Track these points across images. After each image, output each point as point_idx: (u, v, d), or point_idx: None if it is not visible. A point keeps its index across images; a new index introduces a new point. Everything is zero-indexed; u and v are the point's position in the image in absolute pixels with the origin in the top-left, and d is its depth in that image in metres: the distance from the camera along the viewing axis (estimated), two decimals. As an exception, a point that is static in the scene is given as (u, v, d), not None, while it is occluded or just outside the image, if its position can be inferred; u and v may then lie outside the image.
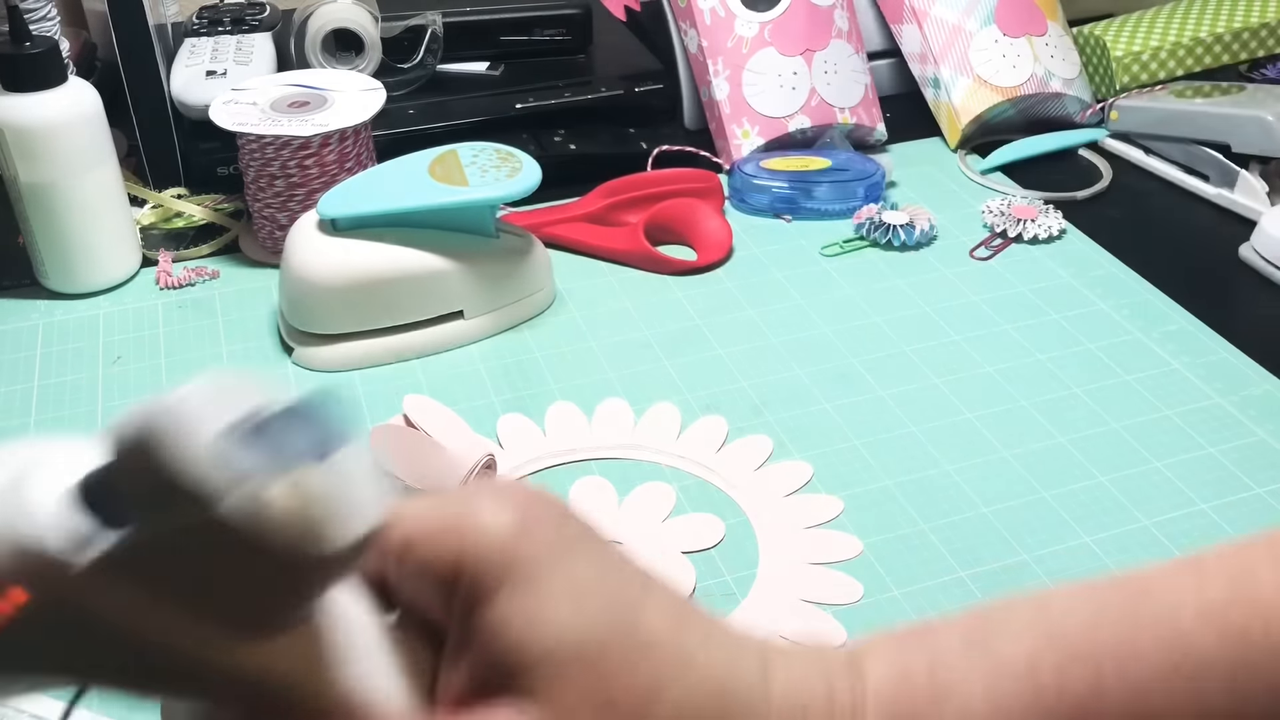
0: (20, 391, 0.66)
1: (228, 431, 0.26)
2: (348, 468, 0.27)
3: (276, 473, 0.26)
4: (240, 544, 0.26)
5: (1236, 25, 0.93)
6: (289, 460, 0.26)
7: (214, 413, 0.26)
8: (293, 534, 0.26)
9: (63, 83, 0.69)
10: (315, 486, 0.26)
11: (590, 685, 0.28)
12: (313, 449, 0.26)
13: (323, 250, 0.66)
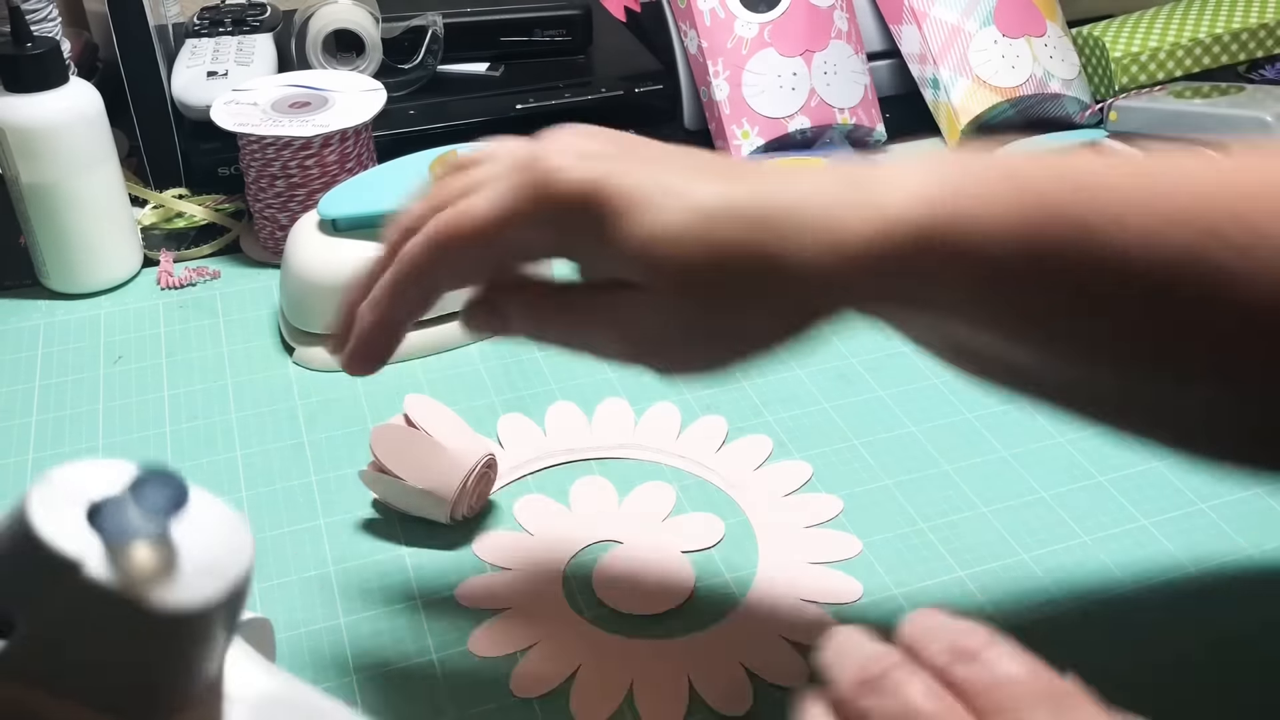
0: (21, 391, 0.66)
1: (90, 508, 0.28)
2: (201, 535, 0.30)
3: (132, 540, 0.28)
4: (105, 613, 0.28)
5: (1235, 26, 0.93)
6: (141, 528, 0.28)
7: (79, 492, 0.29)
8: (149, 596, 0.28)
9: (64, 83, 0.69)
10: (168, 551, 0.29)
11: (678, 263, 0.38)
12: (163, 506, 0.29)
13: (323, 250, 0.66)
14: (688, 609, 0.51)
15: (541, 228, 0.40)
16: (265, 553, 0.54)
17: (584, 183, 0.38)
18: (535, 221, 0.39)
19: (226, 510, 0.31)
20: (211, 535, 0.30)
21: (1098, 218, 0.35)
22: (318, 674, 0.48)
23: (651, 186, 0.38)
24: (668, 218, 0.38)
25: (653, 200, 0.38)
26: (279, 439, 0.62)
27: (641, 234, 0.38)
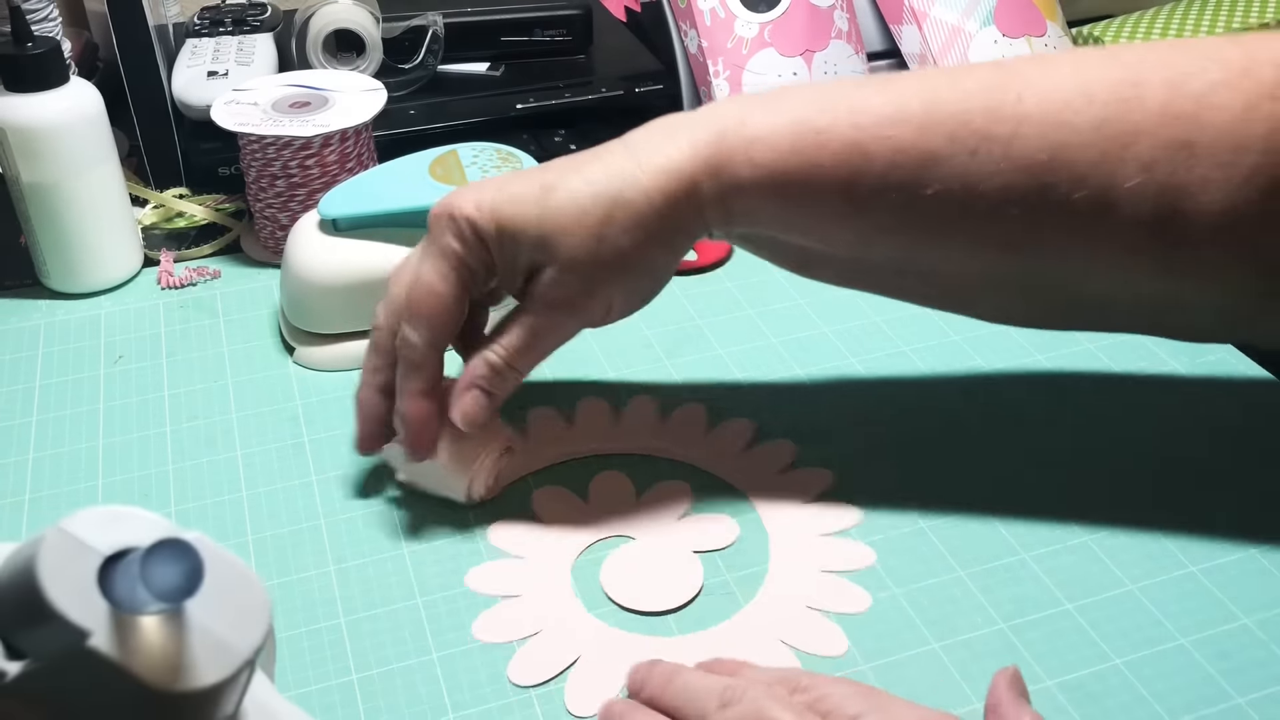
0: (22, 391, 0.66)
1: (100, 569, 0.27)
2: (214, 609, 0.29)
3: (142, 611, 0.27)
4: (111, 679, 0.27)
5: (1235, 26, 0.93)
6: (155, 599, 0.27)
7: (88, 550, 0.27)
8: (156, 672, 0.27)
9: (64, 83, 0.69)
10: (179, 627, 0.28)
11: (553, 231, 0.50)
12: (176, 588, 0.27)
13: (323, 250, 0.66)
14: (692, 608, 0.51)
15: (475, 253, 0.51)
16: (265, 553, 0.54)
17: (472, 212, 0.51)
18: (472, 249, 0.51)
19: (243, 571, 0.30)
20: (225, 608, 0.29)
21: (860, 135, 0.48)
22: (318, 673, 0.48)
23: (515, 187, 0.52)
24: (532, 205, 0.51)
25: (517, 195, 0.51)
26: (279, 439, 0.62)
27: (519, 224, 0.51)
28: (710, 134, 0.50)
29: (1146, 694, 0.47)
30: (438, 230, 0.51)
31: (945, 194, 0.48)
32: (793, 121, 0.49)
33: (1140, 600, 0.51)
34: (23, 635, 0.28)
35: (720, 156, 0.49)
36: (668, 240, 0.52)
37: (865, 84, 0.50)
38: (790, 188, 0.49)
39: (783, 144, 0.49)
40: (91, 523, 0.28)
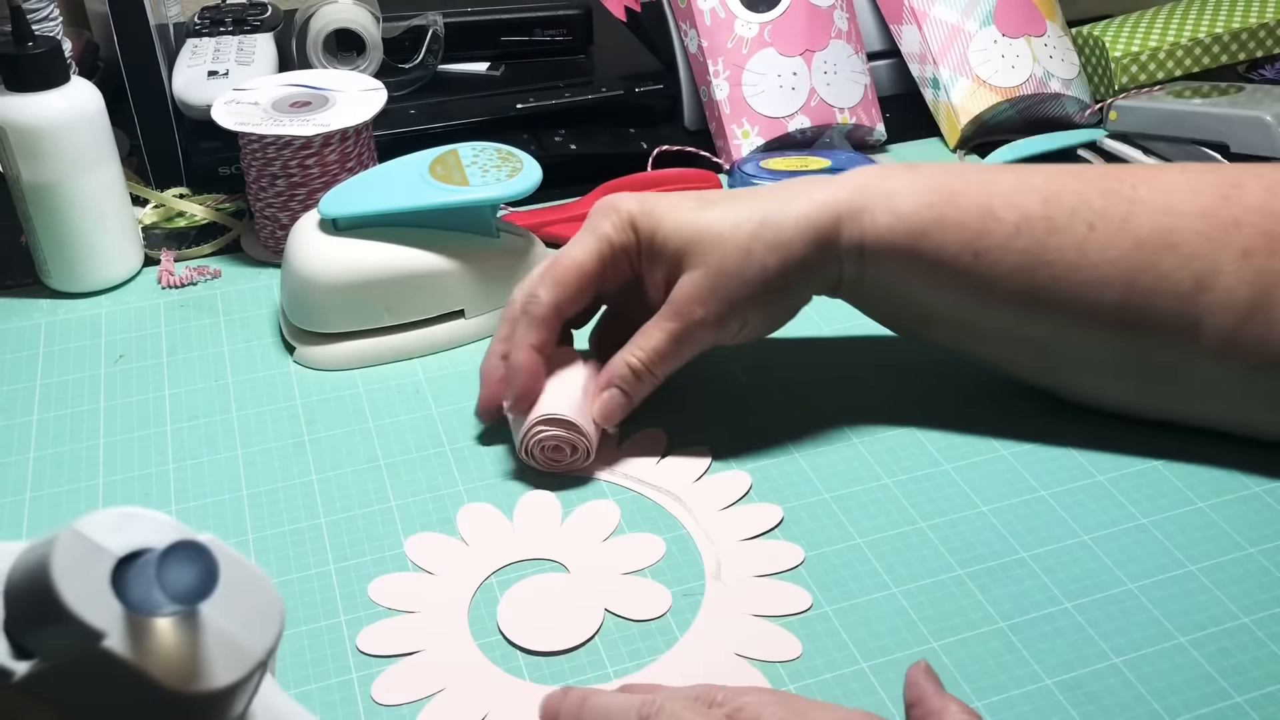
0: (23, 390, 0.66)
1: (113, 571, 0.27)
2: (228, 611, 0.29)
3: (156, 613, 0.27)
4: (125, 680, 0.27)
5: (1235, 26, 0.93)
6: (169, 601, 0.27)
7: (101, 552, 0.27)
8: (170, 673, 0.27)
9: (65, 83, 0.69)
10: (193, 629, 0.28)
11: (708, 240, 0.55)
12: (191, 590, 0.27)
13: (324, 250, 0.66)
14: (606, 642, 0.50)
15: (624, 242, 0.57)
16: (265, 552, 0.54)
17: (637, 199, 0.57)
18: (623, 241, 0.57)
19: (255, 573, 0.30)
20: (238, 609, 0.29)
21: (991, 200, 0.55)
22: (318, 673, 0.48)
23: (674, 198, 0.57)
24: (693, 214, 0.56)
25: (680, 206, 0.57)
26: (279, 438, 0.62)
27: (670, 222, 0.56)
28: (854, 185, 0.56)
29: (1145, 693, 0.47)
30: (597, 218, 0.57)
31: (1063, 261, 0.54)
32: (931, 182, 0.56)
33: (1139, 599, 0.51)
34: (33, 635, 0.28)
35: (862, 199, 0.55)
36: (806, 268, 0.56)
37: (995, 166, 0.58)
38: (922, 237, 0.55)
39: (920, 198, 0.55)
40: (103, 524, 0.28)
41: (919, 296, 0.57)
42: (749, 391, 0.64)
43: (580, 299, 0.57)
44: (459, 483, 0.58)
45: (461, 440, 0.61)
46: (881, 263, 0.56)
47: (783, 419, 0.62)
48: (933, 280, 0.56)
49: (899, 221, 0.55)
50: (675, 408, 0.62)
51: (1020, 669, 0.48)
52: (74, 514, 0.57)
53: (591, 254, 0.56)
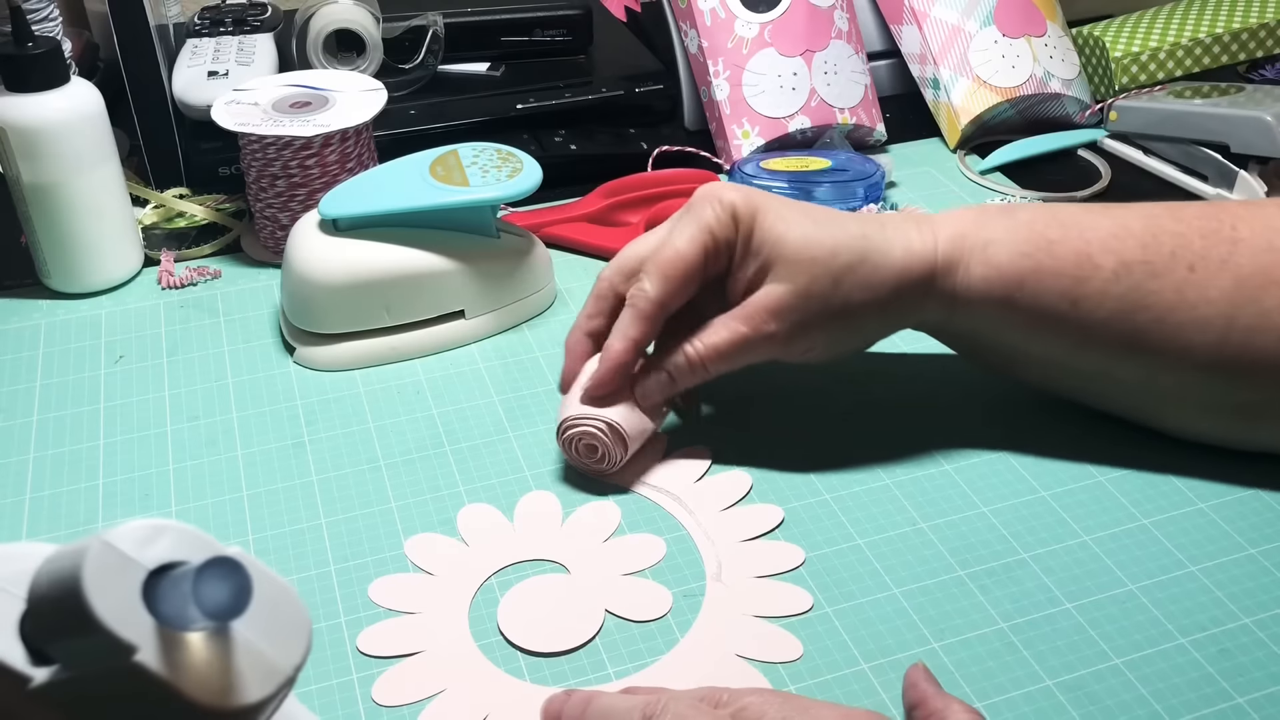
0: (23, 391, 0.66)
1: (145, 584, 0.27)
2: (259, 626, 0.29)
3: (189, 628, 0.27)
4: (153, 694, 0.27)
5: (1235, 26, 0.93)
6: (202, 616, 0.27)
7: (132, 564, 0.27)
8: (202, 689, 0.27)
9: (65, 83, 0.69)
10: (225, 644, 0.28)
11: (805, 257, 0.54)
12: (225, 607, 0.27)
13: (324, 250, 0.66)
14: (608, 644, 0.50)
15: (726, 235, 0.55)
16: (265, 553, 0.54)
17: (743, 193, 0.56)
18: (726, 232, 0.55)
19: (284, 588, 0.30)
20: (268, 625, 0.29)
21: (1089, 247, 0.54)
22: (318, 673, 0.48)
23: (782, 203, 0.56)
24: (795, 226, 0.55)
25: (783, 213, 0.55)
26: (279, 438, 0.62)
27: (776, 230, 0.55)
28: (952, 232, 0.55)
29: (1146, 694, 0.47)
30: (700, 206, 0.56)
31: (1161, 305, 0.53)
32: (1028, 230, 0.55)
33: (1140, 600, 0.51)
34: (58, 645, 0.28)
35: (958, 252, 0.55)
36: (890, 311, 0.56)
37: (1090, 208, 0.56)
38: (1019, 288, 0.54)
39: (1016, 247, 0.54)
40: (133, 536, 0.27)
41: (1010, 341, 0.57)
42: (749, 392, 0.64)
43: (685, 292, 0.56)
44: (459, 483, 0.58)
45: (462, 441, 0.61)
46: (974, 312, 0.56)
47: (783, 420, 0.62)
48: (1026, 328, 0.55)
49: (994, 273, 0.54)
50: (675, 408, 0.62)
51: (1021, 669, 0.48)
52: (74, 515, 0.57)
53: (696, 245, 0.55)
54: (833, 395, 0.64)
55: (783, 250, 0.54)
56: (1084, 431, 0.60)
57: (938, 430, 0.61)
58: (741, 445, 0.60)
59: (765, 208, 0.55)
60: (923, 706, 0.44)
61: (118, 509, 0.57)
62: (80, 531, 0.56)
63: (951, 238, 0.55)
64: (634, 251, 0.57)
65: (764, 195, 0.56)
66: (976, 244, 0.55)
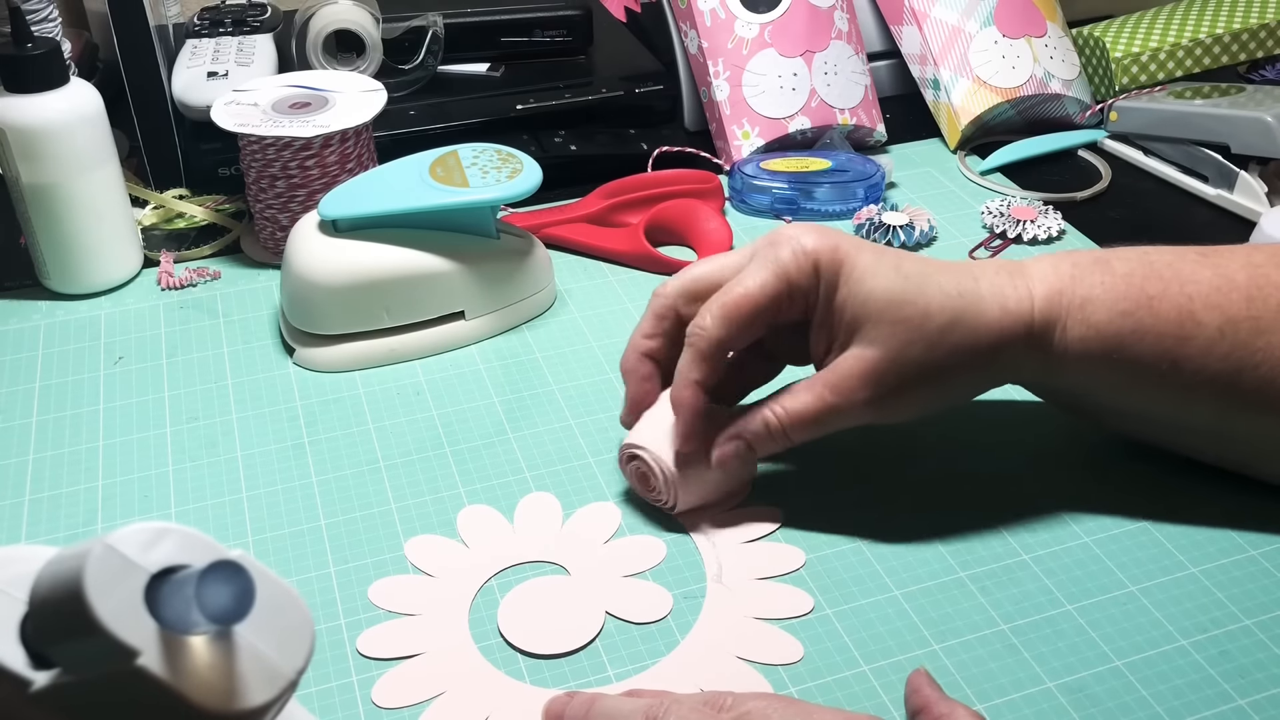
0: (22, 392, 0.66)
1: (147, 588, 0.27)
2: (262, 630, 0.29)
3: (192, 632, 0.27)
4: (155, 698, 0.27)
5: (1236, 26, 0.93)
6: (205, 620, 0.27)
7: (134, 568, 0.27)
8: (205, 693, 0.27)
9: (64, 84, 0.69)
10: (228, 648, 0.28)
11: (896, 319, 0.50)
12: (229, 611, 0.27)
13: (324, 251, 0.66)
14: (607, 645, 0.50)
15: (803, 285, 0.51)
16: (265, 555, 0.54)
17: (828, 244, 0.51)
18: (800, 280, 0.51)
19: (286, 591, 0.30)
20: (271, 628, 0.29)
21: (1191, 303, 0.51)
22: (318, 675, 0.48)
23: (873, 254, 0.52)
24: (885, 280, 0.51)
25: (872, 266, 0.51)
26: (279, 440, 0.62)
27: (865, 286, 0.51)
28: (1048, 288, 0.52)
29: (1147, 695, 0.47)
30: (779, 247, 0.52)
31: (1270, 361, 0.50)
32: (1126, 285, 0.52)
33: (1141, 601, 0.51)
34: (59, 648, 0.28)
35: (1055, 311, 0.52)
36: (986, 373, 0.53)
37: (1186, 254, 0.53)
38: (1118, 348, 0.51)
39: (1115, 305, 0.51)
40: (135, 539, 0.27)
41: (1107, 400, 0.54)
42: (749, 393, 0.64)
43: (748, 336, 0.52)
44: (459, 484, 0.58)
45: (462, 442, 0.61)
46: (1070, 372, 0.53)
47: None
48: (1125, 388, 0.53)
49: (1093, 334, 0.51)
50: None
51: (1022, 671, 0.48)
52: (73, 517, 0.57)
53: (768, 289, 0.51)
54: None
55: (871, 310, 0.51)
56: (1087, 435, 0.60)
57: (938, 432, 0.61)
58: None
59: (853, 260, 0.51)
60: (926, 712, 0.43)
61: (117, 510, 0.57)
62: (80, 533, 0.56)
63: (1048, 295, 0.52)
64: (700, 273, 0.54)
65: (851, 243, 0.52)
66: (1074, 302, 0.52)
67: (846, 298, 0.51)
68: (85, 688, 0.28)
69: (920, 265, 0.52)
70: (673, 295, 0.54)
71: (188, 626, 0.27)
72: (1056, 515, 0.56)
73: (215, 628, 0.28)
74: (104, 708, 0.28)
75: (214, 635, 0.28)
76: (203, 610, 0.27)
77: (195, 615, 0.27)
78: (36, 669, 0.28)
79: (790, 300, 0.52)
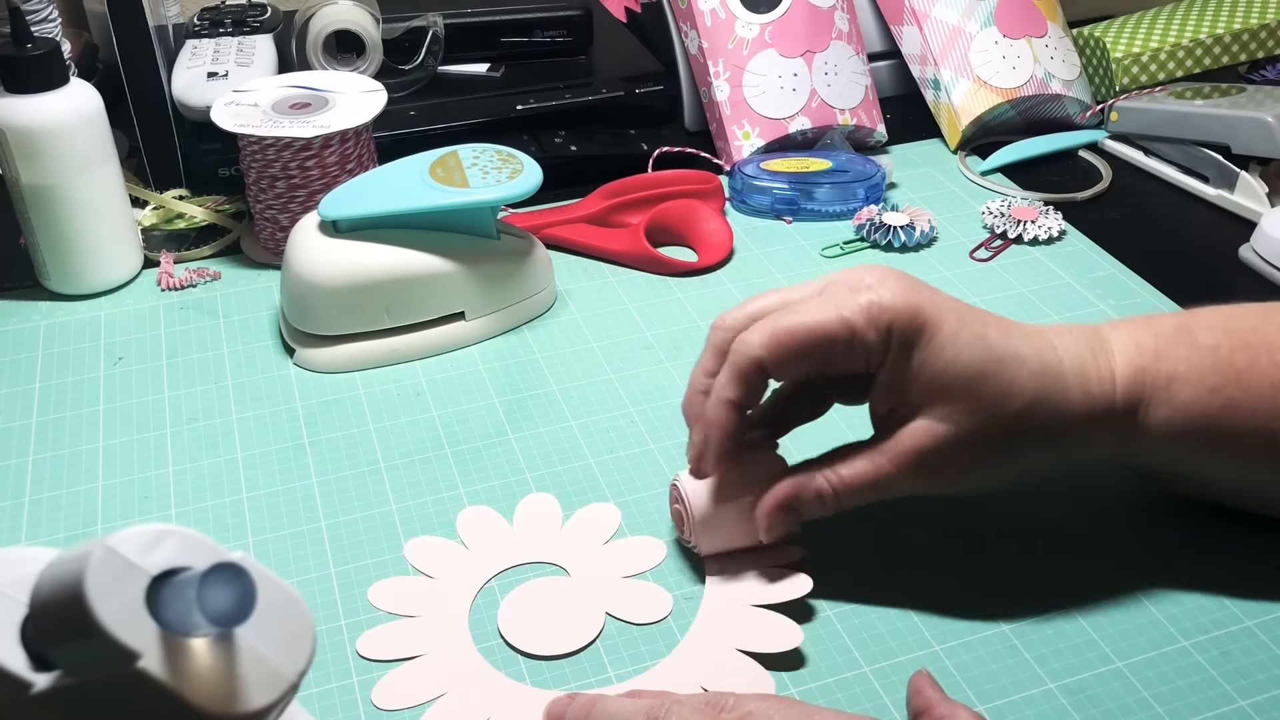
0: (22, 393, 0.66)
1: (148, 590, 0.27)
2: (263, 632, 0.29)
3: (193, 634, 0.27)
4: (156, 701, 0.27)
5: (1236, 27, 0.93)
6: (206, 622, 0.27)
7: (135, 570, 0.27)
8: (206, 696, 0.27)
9: (64, 84, 0.69)
10: (229, 650, 0.28)
11: (974, 395, 0.47)
12: (230, 613, 0.27)
13: (324, 251, 0.66)
14: (606, 648, 0.50)
15: (868, 341, 0.47)
16: (265, 556, 0.54)
17: (909, 305, 0.47)
18: (865, 333, 0.47)
19: (287, 592, 0.30)
20: (272, 630, 0.29)
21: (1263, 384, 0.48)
22: (318, 676, 0.48)
23: (955, 319, 0.47)
24: (967, 352, 0.47)
25: (956, 332, 0.47)
26: (279, 440, 0.62)
27: (944, 357, 0.47)
28: (1131, 368, 0.48)
29: (1149, 697, 0.47)
30: (857, 293, 0.47)
31: None
32: (1213, 359, 0.48)
33: (1142, 602, 0.51)
34: (60, 651, 0.28)
35: (1139, 391, 0.48)
36: (1060, 454, 0.49)
37: (1269, 316, 0.50)
38: (1207, 429, 0.48)
39: (1204, 381, 0.48)
40: (136, 541, 0.27)
41: (1197, 476, 0.52)
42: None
43: (793, 368, 0.48)
44: (459, 485, 0.58)
45: (462, 443, 0.61)
46: (1153, 453, 0.49)
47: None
48: (1214, 466, 0.50)
49: (1179, 415, 0.48)
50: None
51: (1023, 672, 0.48)
52: (73, 518, 0.57)
53: (826, 330, 0.47)
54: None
55: (948, 384, 0.47)
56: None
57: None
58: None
59: (934, 325, 0.47)
60: (929, 713, 0.43)
61: (117, 512, 0.57)
62: (80, 534, 0.56)
63: (1131, 376, 0.48)
64: (764, 304, 0.49)
65: (933, 304, 0.47)
66: (1158, 382, 0.48)
67: (922, 365, 0.47)
68: (86, 690, 0.28)
69: (1004, 334, 0.48)
70: (729, 324, 0.49)
71: (189, 629, 0.27)
72: (1056, 515, 0.56)
73: (216, 630, 0.28)
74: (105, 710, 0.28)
75: (215, 637, 0.28)
76: (204, 612, 0.27)
77: (196, 617, 0.27)
78: (37, 671, 0.28)
79: (849, 351, 0.47)
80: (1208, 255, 0.78)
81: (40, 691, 0.28)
